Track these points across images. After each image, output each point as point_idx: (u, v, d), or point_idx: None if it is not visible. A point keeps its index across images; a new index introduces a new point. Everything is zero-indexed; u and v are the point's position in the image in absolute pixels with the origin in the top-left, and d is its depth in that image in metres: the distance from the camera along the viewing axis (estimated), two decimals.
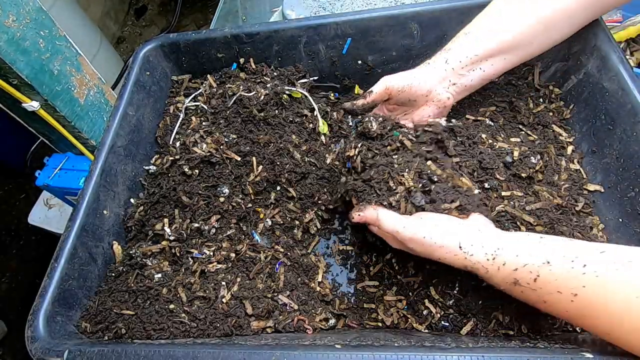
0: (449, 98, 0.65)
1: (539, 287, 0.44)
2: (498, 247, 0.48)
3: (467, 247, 0.49)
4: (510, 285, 0.47)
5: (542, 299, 0.45)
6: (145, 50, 0.84)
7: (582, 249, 0.44)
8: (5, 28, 0.96)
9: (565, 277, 0.43)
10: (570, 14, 0.62)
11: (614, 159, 0.63)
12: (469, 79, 0.64)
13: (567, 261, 0.43)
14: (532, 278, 0.45)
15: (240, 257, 0.68)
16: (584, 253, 0.43)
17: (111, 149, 0.72)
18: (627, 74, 0.62)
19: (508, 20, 0.62)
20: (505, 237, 0.50)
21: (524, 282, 0.45)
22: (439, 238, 0.50)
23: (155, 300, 0.62)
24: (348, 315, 0.64)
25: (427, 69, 0.65)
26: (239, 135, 0.76)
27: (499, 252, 0.48)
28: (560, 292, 0.43)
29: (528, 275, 0.45)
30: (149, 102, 0.83)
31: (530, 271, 0.45)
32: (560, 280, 0.43)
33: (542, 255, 0.45)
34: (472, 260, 0.49)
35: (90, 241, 0.66)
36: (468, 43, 0.63)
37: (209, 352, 0.48)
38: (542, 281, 0.44)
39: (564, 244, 0.46)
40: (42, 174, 1.34)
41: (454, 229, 0.51)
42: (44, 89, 1.07)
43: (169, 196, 0.73)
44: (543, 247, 0.46)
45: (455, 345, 0.47)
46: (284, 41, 0.83)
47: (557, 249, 0.45)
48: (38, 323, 0.56)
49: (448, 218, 0.53)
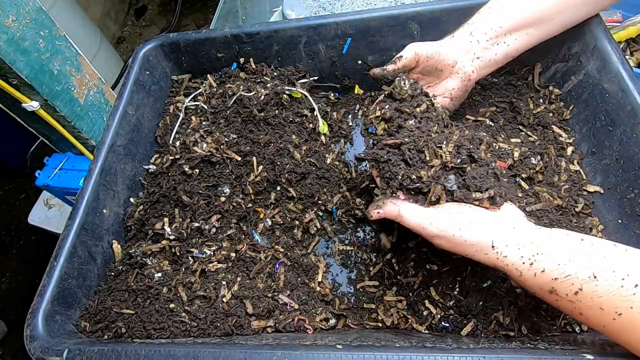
0: (473, 71, 0.64)
1: (579, 300, 0.42)
2: (537, 251, 0.44)
3: (501, 247, 0.46)
4: (545, 292, 0.44)
5: (579, 311, 0.42)
6: (145, 50, 0.85)
7: (634, 264, 0.41)
8: (5, 28, 0.96)
9: (612, 295, 0.40)
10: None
11: (614, 160, 0.63)
12: (492, 52, 0.64)
13: (616, 279, 0.40)
14: (574, 291, 0.42)
15: (241, 257, 0.68)
16: (636, 270, 0.40)
17: (111, 148, 0.72)
18: (627, 75, 0.62)
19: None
20: (543, 237, 0.46)
21: (563, 294, 0.43)
22: (469, 235, 0.47)
23: (155, 299, 0.62)
24: (348, 316, 0.64)
25: (452, 40, 0.64)
26: (239, 135, 0.76)
27: (538, 257, 0.44)
28: (603, 309, 0.40)
29: (569, 287, 0.42)
30: (148, 102, 0.83)
31: (573, 283, 0.42)
32: (605, 297, 0.40)
33: (588, 267, 0.41)
34: (504, 261, 0.46)
35: (89, 240, 0.66)
36: (491, 16, 0.63)
37: (210, 351, 0.47)
38: (584, 296, 0.41)
39: (613, 255, 0.42)
40: (42, 174, 1.34)
41: (486, 225, 0.47)
42: (44, 89, 1.07)
43: (169, 195, 0.73)
44: (588, 256, 0.42)
45: (456, 346, 0.47)
46: (284, 41, 0.83)
47: (605, 261, 0.41)
48: (37, 322, 0.56)
49: (480, 212, 0.49)
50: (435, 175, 0.51)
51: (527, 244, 0.45)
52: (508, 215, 0.49)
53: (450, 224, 0.48)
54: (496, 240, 0.46)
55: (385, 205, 0.53)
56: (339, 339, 0.52)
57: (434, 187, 0.51)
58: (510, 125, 0.73)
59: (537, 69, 0.77)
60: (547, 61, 0.76)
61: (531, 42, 0.65)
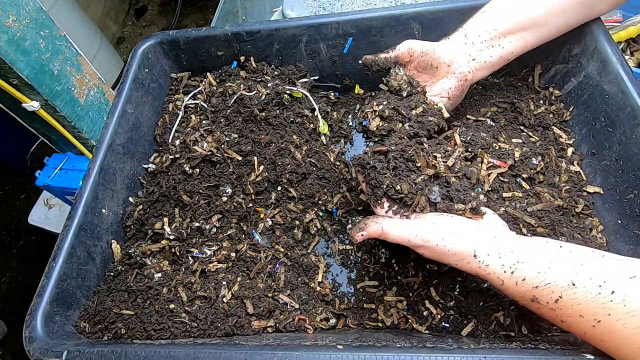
0: (469, 72, 0.65)
1: (559, 308, 0.42)
2: (518, 259, 0.45)
3: (483, 256, 0.46)
4: (527, 300, 0.45)
5: (560, 318, 0.43)
6: (144, 47, 0.84)
7: (611, 271, 0.41)
8: (6, 28, 0.96)
9: (590, 302, 0.40)
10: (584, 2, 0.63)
11: (614, 161, 0.63)
12: (488, 54, 0.64)
13: (594, 286, 0.41)
14: (554, 299, 0.42)
15: (241, 257, 0.68)
16: (613, 277, 0.40)
17: (110, 147, 0.72)
18: (627, 77, 0.62)
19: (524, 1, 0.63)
20: (523, 245, 0.47)
21: (544, 302, 0.43)
22: (452, 245, 0.47)
23: (155, 300, 0.62)
24: (348, 315, 0.64)
25: (448, 42, 0.65)
26: (240, 135, 0.76)
27: (519, 265, 0.45)
28: (583, 317, 0.41)
29: (549, 295, 0.43)
30: (147, 100, 0.82)
31: (552, 291, 0.42)
32: (584, 305, 0.41)
33: (567, 275, 0.42)
34: (486, 270, 0.46)
35: (88, 240, 0.65)
36: (486, 20, 0.64)
37: (210, 352, 0.47)
38: (564, 303, 0.42)
39: (591, 262, 0.43)
40: (42, 174, 1.34)
41: (469, 234, 0.48)
42: (44, 89, 1.07)
43: (169, 195, 0.73)
44: (566, 264, 0.43)
45: (457, 346, 0.47)
46: (284, 40, 0.83)
47: (583, 268, 0.42)
48: (36, 323, 0.55)
49: (462, 221, 0.50)
50: (419, 187, 0.52)
51: (508, 252, 0.46)
52: (490, 224, 0.50)
53: (433, 234, 0.48)
54: (478, 250, 0.47)
55: (367, 226, 0.52)
56: (339, 339, 0.52)
57: (418, 198, 0.51)
58: (512, 126, 0.73)
59: (538, 70, 0.77)
60: (547, 62, 0.76)
61: (527, 46, 0.65)
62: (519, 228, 0.60)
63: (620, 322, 0.39)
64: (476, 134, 0.66)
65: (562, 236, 0.60)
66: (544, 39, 0.66)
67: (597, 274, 0.41)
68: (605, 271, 0.41)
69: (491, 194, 0.62)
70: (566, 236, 0.60)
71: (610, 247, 0.61)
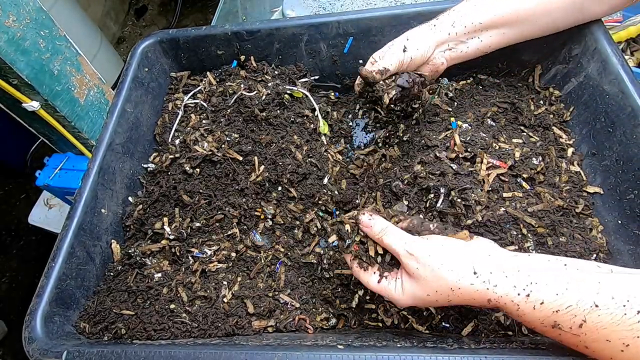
0: (443, 63, 0.66)
1: (584, 333, 0.39)
2: (529, 280, 0.41)
3: (485, 274, 0.43)
4: (547, 327, 0.41)
5: (585, 344, 0.40)
6: (144, 46, 0.84)
7: (631, 289, 0.39)
8: (6, 28, 0.96)
9: (616, 325, 0.37)
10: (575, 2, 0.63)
11: (614, 162, 0.63)
12: (465, 45, 0.65)
13: (618, 306, 0.38)
14: (577, 324, 0.39)
15: (241, 257, 0.68)
16: (635, 295, 0.38)
17: (109, 147, 0.71)
18: (627, 77, 0.62)
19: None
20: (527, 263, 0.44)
21: (566, 327, 0.40)
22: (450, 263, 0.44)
23: (155, 300, 0.62)
24: (348, 315, 0.64)
25: (433, 32, 0.65)
26: (240, 135, 0.76)
27: (533, 287, 0.41)
28: (609, 341, 0.38)
29: (572, 320, 0.39)
30: (147, 99, 0.82)
31: (575, 315, 0.39)
32: (610, 328, 0.38)
33: (588, 296, 0.39)
34: (496, 291, 0.42)
35: (88, 240, 0.65)
36: (473, 10, 0.64)
37: (210, 352, 0.47)
38: (589, 328, 0.39)
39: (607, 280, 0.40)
40: (42, 174, 1.34)
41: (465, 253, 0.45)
42: (44, 89, 1.07)
43: (169, 195, 0.73)
44: (583, 283, 0.40)
45: (457, 346, 0.47)
46: (285, 39, 0.83)
47: (602, 287, 0.39)
48: (35, 323, 0.55)
49: (456, 242, 0.48)
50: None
51: (515, 271, 0.43)
52: (480, 244, 0.48)
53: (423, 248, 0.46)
54: (477, 267, 0.44)
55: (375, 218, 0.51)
56: (340, 338, 0.52)
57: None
58: (512, 126, 0.73)
59: (538, 70, 0.77)
60: (547, 63, 0.76)
61: (504, 42, 0.66)
62: (519, 228, 0.60)
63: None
64: (476, 134, 0.66)
65: (563, 236, 0.60)
66: (524, 37, 0.67)
67: (618, 292, 0.38)
68: (625, 288, 0.39)
69: (491, 194, 0.62)
70: (566, 236, 0.60)
71: (610, 247, 0.61)
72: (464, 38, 0.65)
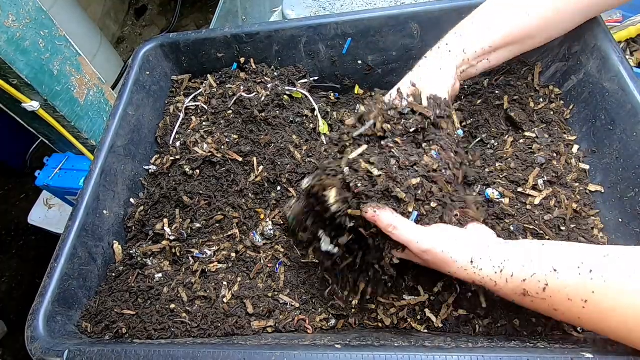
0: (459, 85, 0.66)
1: (549, 296, 0.44)
2: (504, 258, 0.48)
3: (478, 261, 0.49)
4: (519, 296, 0.47)
5: (553, 307, 0.45)
6: (145, 50, 0.84)
7: (586, 253, 0.44)
8: (5, 28, 0.96)
9: (573, 284, 0.43)
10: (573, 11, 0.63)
11: (614, 159, 0.63)
12: (474, 69, 0.66)
13: (573, 268, 0.43)
14: (541, 288, 0.45)
15: (241, 257, 0.68)
16: (588, 258, 0.43)
17: (111, 149, 0.72)
18: (627, 75, 0.62)
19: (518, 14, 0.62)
20: (508, 246, 0.50)
21: (534, 293, 0.45)
22: (455, 252, 0.50)
23: (156, 300, 0.63)
24: (348, 315, 0.64)
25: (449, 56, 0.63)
26: (239, 136, 0.76)
27: (506, 264, 0.47)
28: (571, 300, 0.43)
29: (537, 285, 0.45)
30: (148, 102, 0.83)
31: (539, 280, 0.45)
32: (569, 288, 0.43)
33: (548, 263, 0.45)
34: (481, 274, 0.49)
35: (90, 241, 0.66)
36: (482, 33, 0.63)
37: (209, 352, 0.48)
38: (551, 290, 0.44)
39: (567, 249, 0.46)
40: (42, 174, 1.34)
41: (468, 243, 0.51)
42: (44, 89, 1.07)
43: (169, 196, 0.73)
44: (547, 254, 0.46)
45: (455, 345, 0.47)
46: (284, 41, 0.83)
47: (561, 255, 0.45)
48: (38, 323, 0.56)
49: (462, 232, 0.53)
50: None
51: (497, 254, 0.49)
52: (479, 233, 0.54)
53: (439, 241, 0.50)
54: (474, 256, 0.49)
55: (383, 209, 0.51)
56: (339, 338, 0.52)
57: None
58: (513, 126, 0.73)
59: (538, 68, 0.77)
60: (547, 61, 0.76)
61: (509, 58, 0.66)
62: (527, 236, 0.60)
63: (604, 299, 0.41)
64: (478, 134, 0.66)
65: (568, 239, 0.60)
66: (527, 50, 0.67)
67: (575, 257, 0.44)
68: (582, 253, 0.44)
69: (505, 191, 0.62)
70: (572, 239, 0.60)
71: None
72: (474, 62, 0.64)
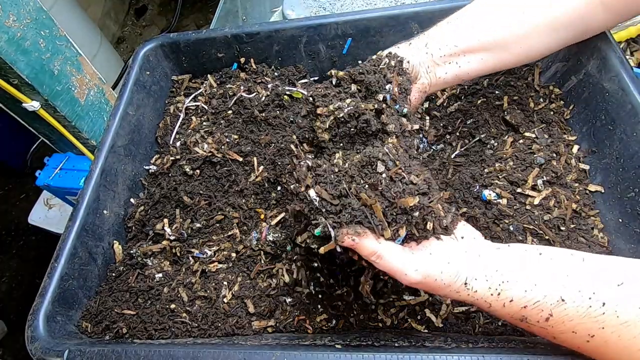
0: (428, 84, 0.62)
1: (550, 326, 0.41)
2: (502, 279, 0.43)
3: (472, 282, 0.44)
4: (516, 321, 0.43)
5: (552, 335, 0.42)
6: (146, 50, 0.85)
7: (598, 280, 0.40)
8: (6, 28, 0.96)
9: (582, 317, 0.39)
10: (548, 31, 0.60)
11: (614, 159, 0.63)
12: (443, 70, 0.62)
13: (583, 299, 0.39)
14: (544, 317, 0.40)
15: (241, 257, 0.68)
16: (601, 287, 0.39)
17: (111, 149, 0.72)
18: (627, 75, 0.62)
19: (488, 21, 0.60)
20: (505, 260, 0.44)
21: (534, 321, 0.41)
22: (449, 278, 0.43)
23: (156, 300, 0.63)
24: (348, 316, 0.64)
25: (409, 48, 0.62)
26: (240, 136, 0.76)
27: (505, 286, 0.42)
28: (575, 333, 0.39)
29: (539, 314, 0.41)
30: (149, 102, 0.83)
31: (542, 310, 0.40)
32: (576, 321, 0.39)
33: (555, 290, 0.40)
34: (475, 296, 0.44)
35: (90, 241, 0.66)
36: (449, 32, 0.61)
37: (209, 352, 0.48)
38: (555, 321, 0.40)
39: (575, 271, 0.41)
40: (42, 174, 1.34)
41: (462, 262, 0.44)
42: (45, 89, 1.07)
43: (169, 196, 0.73)
44: (552, 277, 0.41)
45: (456, 345, 0.47)
46: (284, 41, 0.83)
47: (569, 280, 0.40)
48: (38, 323, 0.56)
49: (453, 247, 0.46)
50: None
51: (494, 272, 0.43)
52: (471, 241, 0.47)
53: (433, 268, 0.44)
54: (469, 277, 0.44)
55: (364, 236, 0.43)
56: (339, 338, 0.52)
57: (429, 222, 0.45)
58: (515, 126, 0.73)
59: (537, 68, 0.77)
60: (547, 61, 0.76)
61: (485, 69, 0.62)
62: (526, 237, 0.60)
63: (615, 335, 0.37)
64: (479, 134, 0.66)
65: (568, 239, 0.60)
66: (505, 65, 0.63)
67: (585, 284, 0.40)
68: (593, 280, 0.40)
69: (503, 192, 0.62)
70: (571, 239, 0.60)
71: (611, 246, 0.61)
72: (440, 61, 0.61)
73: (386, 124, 0.54)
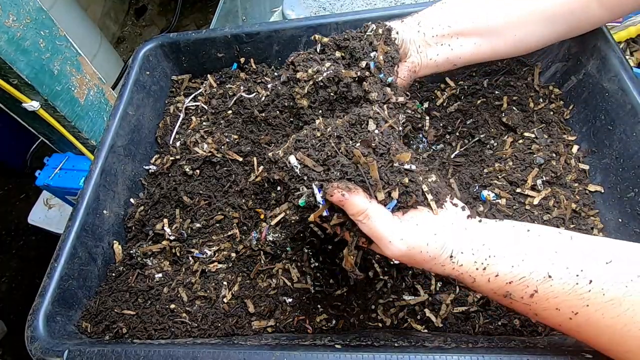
0: (418, 64, 0.60)
1: (534, 302, 0.40)
2: (489, 253, 0.41)
3: (458, 256, 0.42)
4: (499, 297, 0.42)
5: (534, 312, 0.41)
6: (145, 50, 0.85)
7: (586, 258, 0.39)
8: (6, 28, 0.96)
9: (567, 294, 0.38)
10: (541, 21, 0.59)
11: (614, 159, 0.63)
12: (434, 51, 0.60)
13: (571, 276, 0.38)
14: (529, 293, 0.40)
15: (241, 257, 0.68)
16: (589, 265, 0.38)
17: (111, 149, 0.72)
18: (626, 75, 0.62)
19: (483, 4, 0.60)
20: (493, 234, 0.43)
21: (517, 297, 0.40)
22: (434, 250, 0.42)
23: (156, 300, 0.63)
24: (348, 316, 0.64)
25: (401, 25, 0.61)
26: (240, 136, 0.76)
27: (491, 260, 0.41)
28: (559, 310, 0.39)
29: (524, 290, 0.40)
30: (148, 102, 0.83)
31: (527, 286, 0.39)
32: (561, 298, 0.38)
33: (542, 266, 0.39)
34: (459, 270, 0.43)
35: (90, 241, 0.66)
36: (443, 13, 0.60)
37: (209, 352, 0.48)
38: (540, 297, 0.39)
39: (564, 248, 0.40)
40: (42, 174, 1.34)
41: (448, 234, 0.43)
42: (44, 89, 1.07)
43: (169, 196, 0.73)
44: (540, 253, 0.40)
45: (455, 345, 0.47)
46: (284, 41, 0.83)
47: (558, 257, 0.39)
48: (38, 323, 0.56)
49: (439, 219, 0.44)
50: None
51: (480, 246, 0.42)
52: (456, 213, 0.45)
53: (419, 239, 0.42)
54: (455, 250, 0.43)
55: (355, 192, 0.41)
56: (339, 338, 0.52)
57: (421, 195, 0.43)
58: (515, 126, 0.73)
59: (537, 68, 0.77)
60: (547, 61, 0.76)
61: (478, 54, 0.61)
62: None
63: (598, 313, 0.37)
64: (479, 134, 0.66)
65: None
66: (499, 54, 0.62)
67: (573, 261, 0.39)
68: (581, 258, 0.39)
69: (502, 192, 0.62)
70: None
71: None
72: (432, 42, 0.60)
73: (368, 91, 0.51)
